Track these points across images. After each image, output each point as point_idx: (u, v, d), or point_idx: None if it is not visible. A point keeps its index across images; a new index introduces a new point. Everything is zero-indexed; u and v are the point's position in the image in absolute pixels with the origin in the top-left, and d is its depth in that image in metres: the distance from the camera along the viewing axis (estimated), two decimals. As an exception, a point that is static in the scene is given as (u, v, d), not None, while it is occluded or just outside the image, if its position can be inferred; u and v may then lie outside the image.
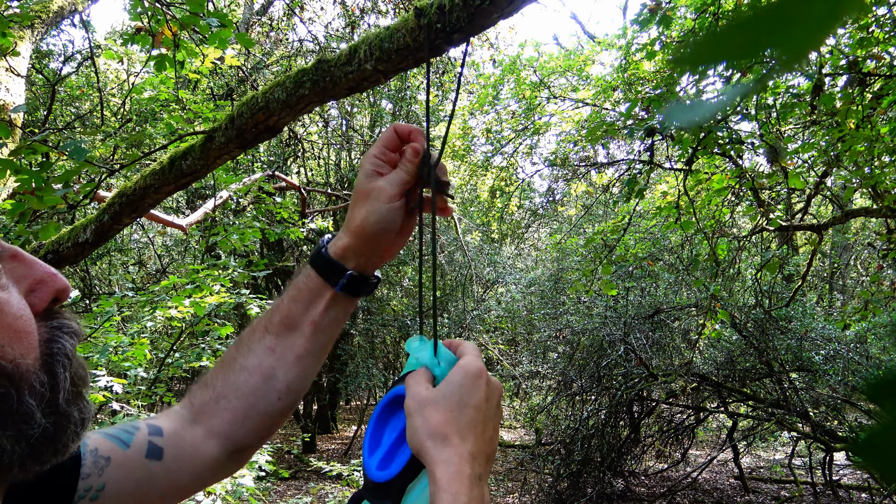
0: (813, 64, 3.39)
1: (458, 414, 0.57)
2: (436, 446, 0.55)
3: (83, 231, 2.16)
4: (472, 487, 0.53)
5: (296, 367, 0.70)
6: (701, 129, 3.12)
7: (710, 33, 0.16)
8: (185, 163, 1.87)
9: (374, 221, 0.67)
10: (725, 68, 3.39)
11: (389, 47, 1.30)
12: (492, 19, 1.19)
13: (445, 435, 0.56)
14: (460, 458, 0.54)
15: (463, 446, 0.55)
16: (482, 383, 0.59)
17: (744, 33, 0.16)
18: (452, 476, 0.53)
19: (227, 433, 0.68)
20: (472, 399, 0.58)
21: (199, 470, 0.67)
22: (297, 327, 0.69)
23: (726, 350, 5.90)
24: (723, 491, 6.39)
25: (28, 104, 6.32)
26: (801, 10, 0.15)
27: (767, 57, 0.16)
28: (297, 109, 1.57)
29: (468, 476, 0.54)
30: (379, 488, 0.59)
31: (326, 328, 0.70)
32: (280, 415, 0.71)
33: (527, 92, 8.29)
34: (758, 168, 5.86)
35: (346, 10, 7.27)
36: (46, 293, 0.49)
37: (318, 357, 0.72)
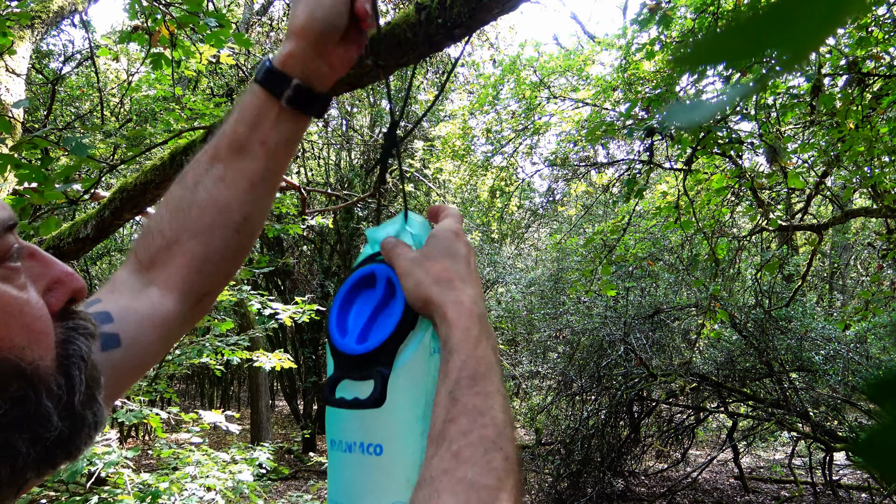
0: (812, 64, 3.39)
1: (452, 263, 0.59)
2: (443, 290, 0.57)
3: (84, 226, 2.16)
4: (481, 323, 0.56)
5: (250, 195, 0.65)
6: (700, 129, 3.13)
7: (711, 33, 0.16)
8: (187, 158, 1.86)
9: (319, 17, 0.61)
10: (725, 68, 3.39)
11: (390, 43, 1.29)
12: (493, 14, 1.19)
13: (449, 279, 0.58)
14: (468, 298, 0.57)
15: (467, 288, 0.58)
16: (463, 240, 0.62)
17: (744, 34, 0.16)
18: (464, 313, 0.55)
19: (184, 282, 0.64)
20: (460, 252, 0.61)
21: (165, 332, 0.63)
22: (246, 150, 0.64)
23: (726, 350, 5.90)
24: (723, 491, 6.39)
25: (28, 104, 6.33)
26: (801, 11, 0.15)
27: (768, 57, 0.16)
28: None
29: (476, 314, 0.56)
30: (365, 359, 0.59)
31: (277, 149, 0.65)
32: (239, 251, 0.67)
33: (527, 92, 8.29)
34: (757, 168, 5.86)
35: (346, 10, 7.26)
36: (63, 293, 0.48)
37: (272, 184, 0.67)
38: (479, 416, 0.50)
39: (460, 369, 0.53)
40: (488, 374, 0.53)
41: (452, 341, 0.54)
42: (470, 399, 0.51)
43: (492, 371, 0.54)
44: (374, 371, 0.58)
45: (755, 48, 0.16)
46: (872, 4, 3.08)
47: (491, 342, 0.56)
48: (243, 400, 15.11)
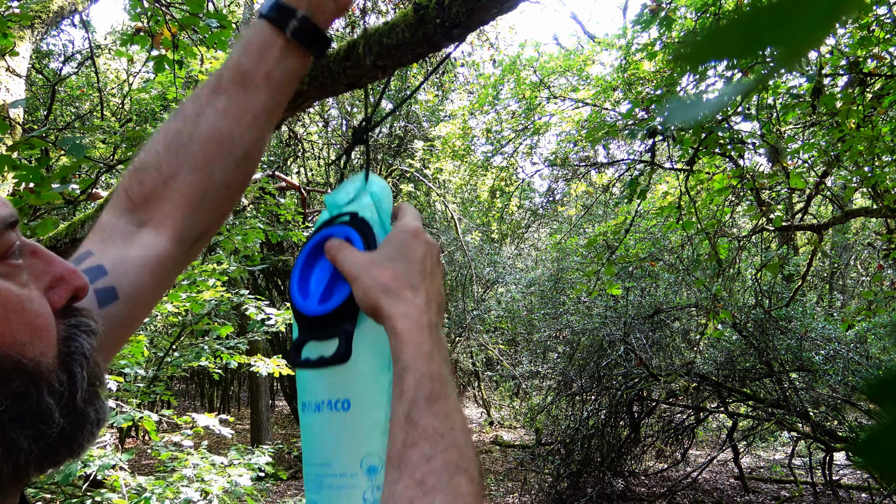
0: (813, 64, 3.39)
1: (404, 269, 0.57)
2: (391, 301, 0.55)
3: (81, 227, 2.15)
4: (431, 335, 0.54)
5: (253, 129, 0.64)
6: (702, 130, 3.13)
7: (711, 31, 0.16)
8: None
9: None
10: (727, 68, 3.39)
11: (388, 43, 1.29)
12: (491, 14, 1.19)
13: (398, 289, 0.56)
14: (417, 310, 0.55)
15: (416, 298, 0.55)
16: (421, 240, 0.59)
17: (744, 31, 0.16)
18: (413, 327, 0.54)
19: (181, 221, 0.63)
20: (416, 254, 0.58)
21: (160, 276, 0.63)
22: (250, 82, 0.63)
23: (726, 350, 5.90)
24: (723, 491, 6.39)
25: (28, 104, 6.32)
26: (801, 9, 0.15)
27: (767, 55, 0.16)
28: (296, 105, 1.56)
29: (426, 325, 0.54)
30: (329, 319, 0.59)
31: (281, 83, 0.65)
32: (238, 187, 0.66)
33: (527, 92, 8.29)
34: (758, 168, 5.86)
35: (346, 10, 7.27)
36: (65, 291, 0.48)
37: (272, 118, 0.67)
38: (440, 438, 0.49)
39: (416, 388, 0.51)
40: (444, 392, 0.52)
41: (405, 358, 0.53)
42: (429, 421, 0.50)
43: (447, 387, 0.52)
44: (339, 329, 0.58)
45: (754, 45, 0.16)
46: (873, 4, 3.08)
47: (443, 354, 0.55)
48: (243, 400, 15.11)
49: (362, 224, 0.63)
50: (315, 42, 0.65)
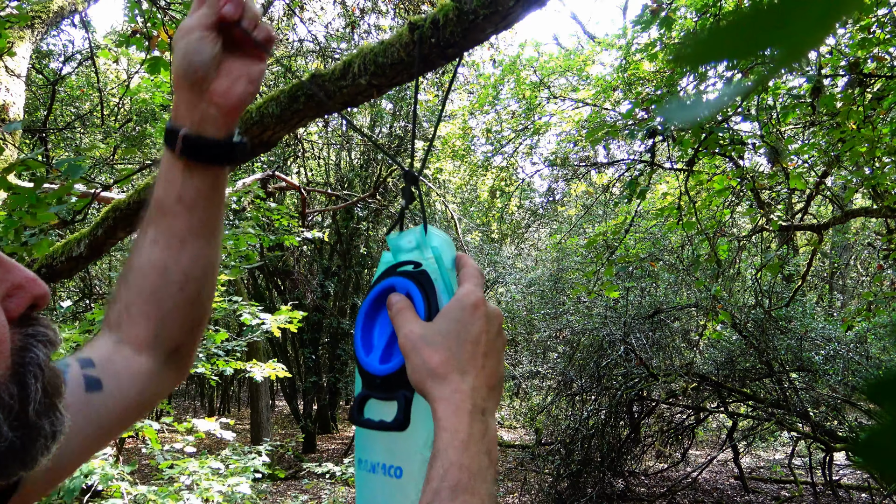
0: (813, 65, 3.39)
1: (456, 350, 0.55)
2: (435, 385, 0.54)
3: (77, 245, 2.15)
4: (472, 423, 0.53)
5: (184, 253, 0.65)
6: (702, 130, 3.13)
7: (711, 32, 0.16)
8: None
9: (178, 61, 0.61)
10: (727, 68, 3.39)
11: (384, 62, 1.30)
12: (486, 34, 1.19)
13: (445, 374, 0.55)
14: (460, 395, 0.54)
15: (463, 382, 0.54)
16: (480, 314, 0.57)
17: (744, 31, 0.16)
18: (451, 413, 0.53)
19: (150, 339, 0.65)
20: (471, 333, 0.56)
21: (142, 386, 0.65)
22: (167, 209, 0.65)
23: (726, 350, 5.90)
24: (723, 491, 6.39)
25: (28, 104, 6.32)
26: (800, 9, 0.15)
27: (767, 55, 0.16)
28: (292, 124, 1.56)
29: (468, 412, 0.53)
30: (389, 380, 0.59)
31: (196, 203, 0.65)
32: (192, 305, 0.67)
33: (527, 92, 8.29)
34: (758, 168, 5.86)
35: (346, 10, 7.27)
36: (24, 299, 0.46)
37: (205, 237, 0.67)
38: None
39: (442, 478, 0.50)
40: (470, 486, 0.50)
41: (438, 444, 0.52)
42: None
43: (476, 481, 0.51)
44: (399, 393, 0.58)
45: (754, 46, 0.16)
46: (873, 5, 3.08)
47: (485, 443, 0.53)
48: (243, 400, 15.11)
49: (425, 281, 0.61)
50: (213, 154, 0.65)
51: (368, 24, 7.49)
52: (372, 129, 9.27)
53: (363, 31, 7.40)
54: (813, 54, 3.53)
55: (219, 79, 0.64)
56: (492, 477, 0.52)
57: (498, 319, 0.59)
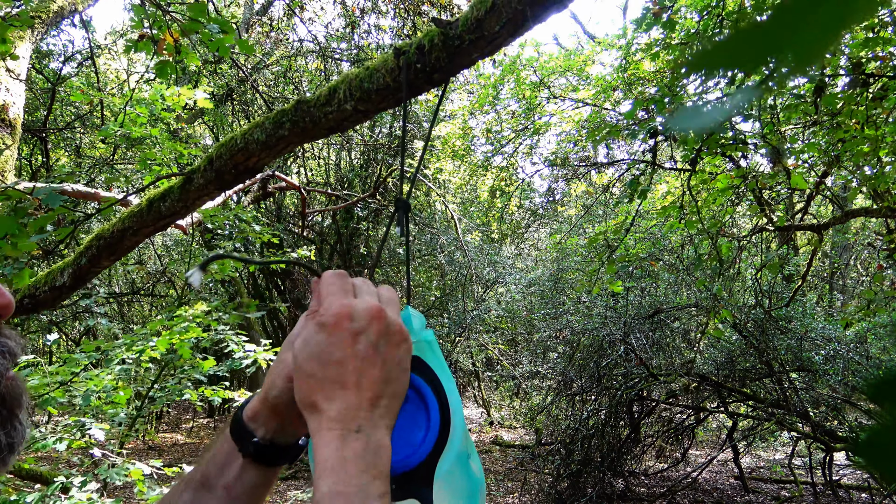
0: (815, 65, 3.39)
1: (320, 377, 0.52)
2: (308, 414, 0.53)
3: (60, 275, 2.12)
4: (342, 447, 0.50)
5: None
6: (704, 131, 3.12)
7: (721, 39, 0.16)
8: (164, 205, 1.83)
9: (273, 395, 0.61)
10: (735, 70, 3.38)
11: (369, 87, 1.29)
12: (472, 59, 1.19)
13: (313, 403, 0.52)
14: (327, 422, 0.51)
15: (330, 408, 0.51)
16: (341, 330, 0.53)
17: (754, 39, 0.16)
18: (320, 443, 0.51)
19: None
20: (333, 354, 0.52)
21: None
22: (211, 488, 0.64)
23: (726, 350, 5.90)
24: (723, 491, 6.39)
25: (28, 104, 6.32)
26: (809, 15, 0.15)
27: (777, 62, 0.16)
28: (277, 150, 1.55)
29: (337, 436, 0.50)
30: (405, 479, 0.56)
31: (241, 497, 0.63)
32: None
33: (527, 92, 8.29)
34: (758, 168, 5.86)
35: (346, 11, 7.27)
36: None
37: None
38: None
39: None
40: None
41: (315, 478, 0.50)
42: None
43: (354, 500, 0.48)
44: (416, 490, 0.55)
45: (765, 53, 0.16)
46: (879, 5, 3.08)
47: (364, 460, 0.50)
48: (243, 400, 15.06)
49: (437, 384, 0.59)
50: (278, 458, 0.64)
51: (368, 24, 7.49)
52: (372, 130, 9.27)
53: (363, 31, 7.40)
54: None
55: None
56: (378, 491, 0.49)
57: (376, 324, 0.54)
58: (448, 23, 1.14)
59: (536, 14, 1.08)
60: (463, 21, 1.13)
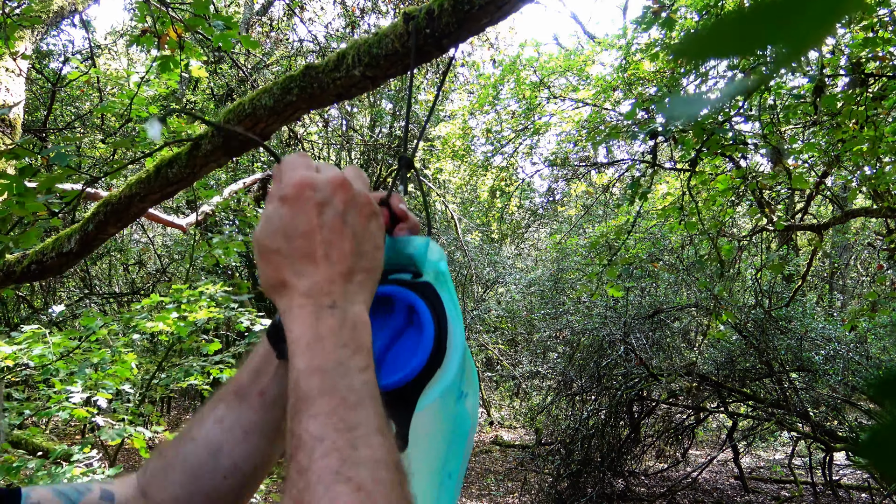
0: (813, 64, 3.39)
1: (286, 250, 0.49)
2: (276, 297, 0.50)
3: (67, 241, 2.11)
4: (316, 322, 0.47)
5: (244, 444, 0.62)
6: (704, 131, 3.12)
7: (712, 28, 0.16)
8: (171, 171, 1.82)
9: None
10: (728, 68, 3.39)
11: (378, 53, 1.28)
12: (481, 24, 1.18)
13: (281, 281, 0.49)
14: (299, 299, 0.48)
15: (300, 283, 0.49)
16: (305, 200, 0.49)
17: (744, 28, 0.16)
18: (292, 321, 0.48)
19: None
20: (297, 227, 0.49)
21: None
22: (245, 397, 0.63)
23: (726, 350, 5.90)
24: (723, 491, 6.39)
25: (28, 104, 6.32)
26: (801, 6, 0.15)
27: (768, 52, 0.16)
28: (285, 116, 1.54)
29: (310, 312, 0.47)
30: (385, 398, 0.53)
31: (276, 402, 0.62)
32: (229, 497, 0.62)
33: (527, 92, 8.29)
34: (758, 168, 5.86)
35: (346, 10, 7.27)
36: None
37: (271, 436, 0.63)
38: (317, 443, 0.42)
39: (294, 391, 0.45)
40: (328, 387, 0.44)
41: (291, 358, 0.47)
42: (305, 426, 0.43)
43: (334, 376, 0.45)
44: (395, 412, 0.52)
45: (755, 42, 0.16)
46: (877, 5, 3.08)
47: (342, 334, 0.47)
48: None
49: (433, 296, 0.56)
50: None
51: (368, 25, 7.49)
52: (372, 130, 9.27)
53: (363, 31, 7.40)
54: (815, 54, 3.53)
55: None
56: (359, 365, 0.46)
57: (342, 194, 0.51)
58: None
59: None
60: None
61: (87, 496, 0.60)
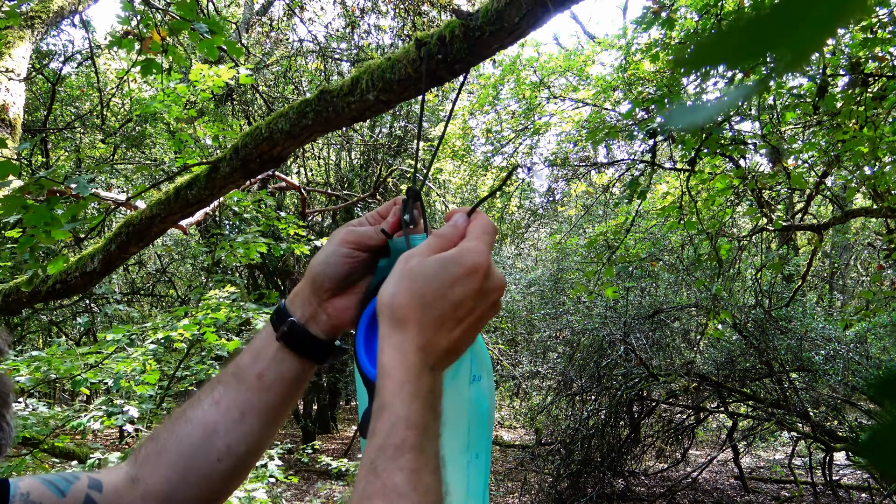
0: (814, 65, 3.39)
1: (430, 303, 0.51)
2: (390, 326, 0.52)
3: (91, 261, 2.17)
4: (420, 376, 0.50)
5: (239, 426, 0.63)
6: (703, 131, 3.13)
7: (714, 34, 0.16)
8: (191, 193, 1.88)
9: (317, 262, 0.64)
10: (728, 68, 3.39)
11: (391, 77, 1.31)
12: (492, 50, 1.21)
13: (405, 319, 0.51)
14: (411, 346, 0.50)
15: (419, 336, 0.51)
16: (476, 280, 0.52)
17: (747, 34, 0.16)
18: (398, 362, 0.50)
19: (164, 494, 0.62)
20: (455, 294, 0.52)
21: None
22: (244, 379, 0.64)
23: (726, 350, 5.90)
24: (723, 491, 6.39)
25: (28, 104, 6.32)
26: (803, 12, 0.15)
27: (770, 58, 0.16)
28: (301, 139, 1.58)
29: (416, 364, 0.50)
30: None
31: (273, 385, 0.64)
32: (222, 479, 0.64)
33: (527, 92, 8.29)
34: (757, 168, 5.86)
35: (346, 11, 7.27)
36: None
37: (266, 419, 0.65)
38: (397, 498, 0.45)
39: (387, 433, 0.47)
40: (417, 444, 0.47)
41: (384, 395, 0.49)
42: (391, 476, 0.45)
43: (424, 437, 0.48)
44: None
45: (757, 49, 0.16)
46: (875, 5, 3.08)
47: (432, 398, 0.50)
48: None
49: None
50: (310, 349, 0.65)
51: (368, 25, 7.49)
52: (372, 130, 9.27)
53: (363, 31, 7.40)
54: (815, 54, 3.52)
55: (342, 297, 0.65)
56: (436, 434, 0.50)
57: (496, 293, 0.54)
58: (469, 14, 1.16)
59: (558, 3, 1.09)
60: (483, 12, 1.16)
61: (75, 484, 0.60)
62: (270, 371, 0.64)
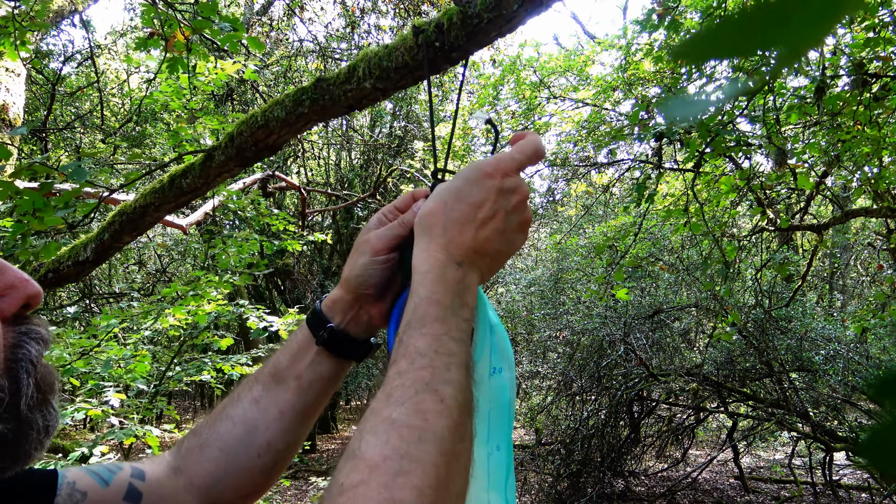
0: (815, 64, 3.39)
1: (451, 206, 0.57)
2: (420, 233, 0.57)
3: (83, 250, 2.16)
4: (444, 267, 0.54)
5: (278, 423, 0.66)
6: (709, 132, 3.12)
7: (712, 29, 0.16)
8: (185, 181, 1.87)
9: (355, 275, 0.65)
10: (730, 67, 3.38)
11: (388, 66, 1.30)
12: (490, 37, 1.20)
13: (431, 225, 0.57)
14: (436, 245, 0.56)
15: (442, 237, 0.56)
16: (493, 183, 0.57)
17: (744, 28, 0.16)
18: (423, 260, 0.55)
19: (207, 486, 0.65)
20: (473, 195, 0.57)
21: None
22: (283, 380, 0.67)
23: (726, 350, 5.90)
24: (723, 491, 6.39)
25: (28, 104, 6.32)
26: (801, 7, 0.15)
27: (768, 53, 0.16)
28: (297, 127, 1.58)
29: (439, 259, 0.55)
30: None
31: (312, 386, 0.67)
32: (262, 474, 0.67)
33: (527, 92, 8.29)
34: (758, 168, 5.86)
35: (346, 10, 7.27)
36: (16, 298, 0.49)
37: (303, 417, 0.68)
38: (419, 357, 0.49)
39: (413, 311, 0.52)
40: (440, 316, 0.51)
41: (413, 286, 0.54)
42: (414, 340, 0.50)
43: (448, 312, 0.52)
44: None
45: (754, 43, 0.16)
46: (878, 5, 3.07)
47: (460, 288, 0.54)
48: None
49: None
50: (349, 350, 0.68)
51: (368, 25, 7.49)
52: (372, 129, 9.27)
53: (363, 31, 7.40)
54: (814, 53, 3.53)
55: (383, 302, 0.67)
56: (464, 315, 0.53)
57: (519, 195, 0.59)
58: (467, 1, 1.15)
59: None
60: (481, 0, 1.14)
61: (118, 474, 0.62)
62: (309, 372, 0.67)
